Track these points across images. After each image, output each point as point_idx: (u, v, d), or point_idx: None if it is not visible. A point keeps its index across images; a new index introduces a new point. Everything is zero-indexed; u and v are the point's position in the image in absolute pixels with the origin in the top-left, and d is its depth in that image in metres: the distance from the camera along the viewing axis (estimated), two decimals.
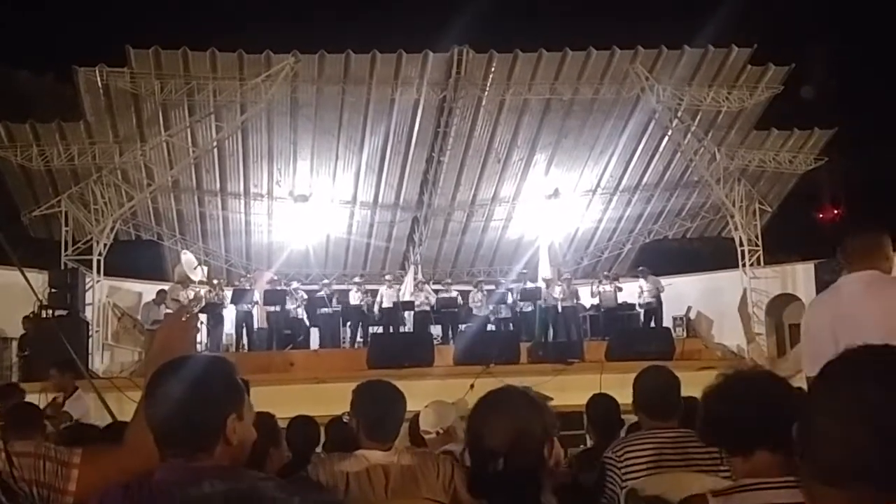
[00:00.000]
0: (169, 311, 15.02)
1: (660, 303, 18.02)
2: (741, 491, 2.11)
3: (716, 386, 2.35)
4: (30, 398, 7.44)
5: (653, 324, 17.76)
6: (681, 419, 3.72)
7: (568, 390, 9.40)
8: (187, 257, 18.58)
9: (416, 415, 4.72)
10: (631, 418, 4.49)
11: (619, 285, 18.60)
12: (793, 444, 1.30)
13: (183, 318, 2.63)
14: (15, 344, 15.14)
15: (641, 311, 18.11)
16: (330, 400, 6.81)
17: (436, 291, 18.79)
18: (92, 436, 4.29)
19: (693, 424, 3.97)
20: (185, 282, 17.50)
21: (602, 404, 5.32)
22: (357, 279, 19.09)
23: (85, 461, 2.22)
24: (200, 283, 18.12)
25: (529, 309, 18.27)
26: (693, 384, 4.19)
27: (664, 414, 3.70)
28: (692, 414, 4.31)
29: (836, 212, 26.61)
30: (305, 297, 17.99)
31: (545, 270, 19.59)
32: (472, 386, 9.96)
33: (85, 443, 2.45)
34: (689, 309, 19.00)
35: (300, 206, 20.25)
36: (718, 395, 2.31)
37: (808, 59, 20.63)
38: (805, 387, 2.49)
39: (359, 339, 18.04)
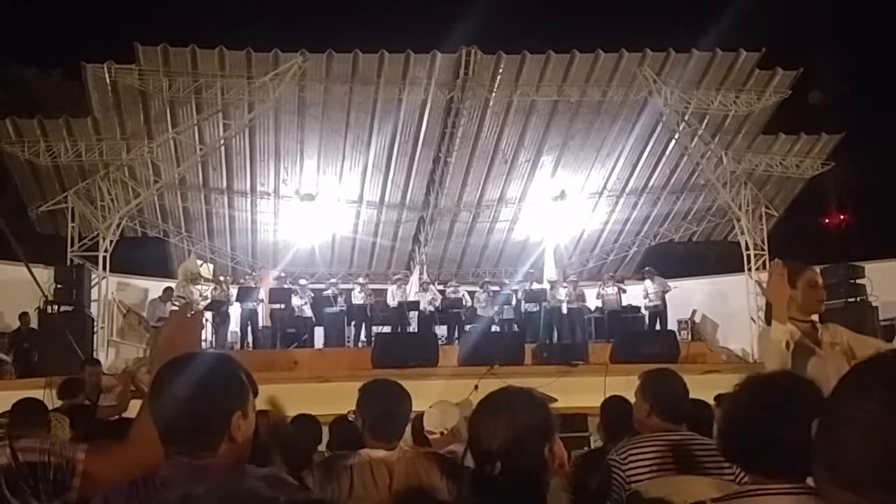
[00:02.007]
0: (175, 307, 15.04)
1: (665, 305, 17.98)
2: (740, 497, 2.09)
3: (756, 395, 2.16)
4: (34, 394, 7.44)
5: (658, 326, 17.73)
6: (688, 422, 3.72)
7: (572, 392, 9.40)
8: (192, 257, 18.72)
9: (420, 415, 4.71)
10: None
11: (623, 287, 18.58)
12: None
13: (188, 315, 2.63)
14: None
15: (647, 312, 18.08)
16: (334, 399, 6.82)
17: (441, 292, 18.80)
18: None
19: (700, 429, 3.98)
20: (197, 279, 17.55)
21: (618, 407, 5.30)
22: (361, 279, 19.09)
23: (89, 457, 2.22)
24: (206, 280, 18.16)
25: (534, 310, 18.27)
26: (698, 388, 4.20)
27: (680, 416, 3.70)
28: (698, 417, 4.30)
29: (842, 217, 26.55)
30: (312, 294, 18.03)
31: (550, 272, 19.59)
32: (476, 387, 9.95)
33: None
34: (694, 312, 18.98)
35: (306, 204, 20.25)
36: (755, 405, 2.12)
37: (816, 64, 20.60)
38: None
39: (362, 338, 18.05)
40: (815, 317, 4.49)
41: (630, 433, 4.74)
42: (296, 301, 17.78)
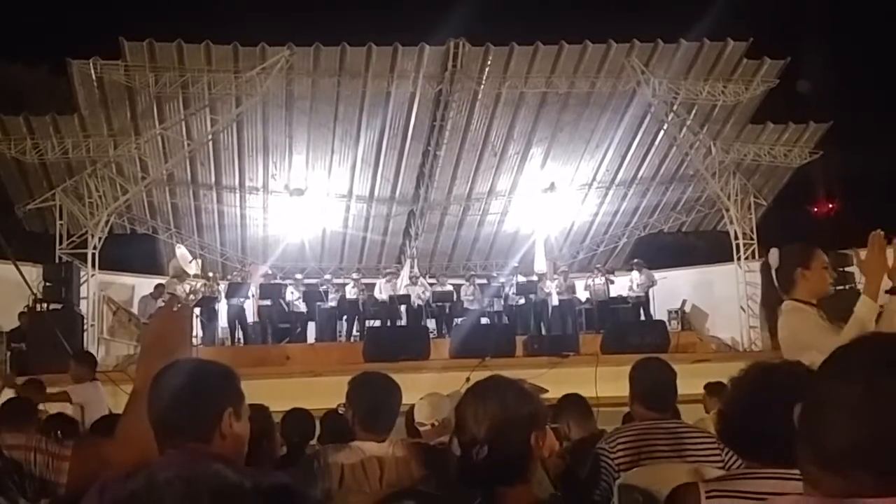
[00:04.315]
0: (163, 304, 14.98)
1: (648, 297, 18.03)
2: (731, 479, 2.11)
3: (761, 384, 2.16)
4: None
5: (641, 316, 17.78)
6: (675, 411, 3.73)
7: (563, 383, 9.39)
8: (181, 251, 18.55)
9: (411, 407, 4.71)
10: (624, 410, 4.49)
11: (612, 278, 18.58)
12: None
13: (174, 309, 2.63)
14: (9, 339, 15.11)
15: (630, 303, 18.12)
16: (325, 393, 6.81)
17: (432, 285, 18.79)
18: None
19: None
20: (181, 276, 17.48)
21: None
22: (355, 274, 19.05)
23: (76, 454, 2.22)
24: (195, 276, 18.10)
25: (525, 302, 18.28)
26: (688, 377, 4.21)
27: (664, 406, 3.70)
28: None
29: (830, 206, 26.65)
30: (304, 288, 18.03)
31: (540, 264, 19.61)
32: (467, 379, 9.93)
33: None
34: (683, 302, 19.03)
35: (296, 199, 20.21)
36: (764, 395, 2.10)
37: (803, 53, 20.64)
38: None
39: (355, 332, 18.05)
40: None
41: None
42: (290, 296, 17.76)
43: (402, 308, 18.10)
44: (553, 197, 20.94)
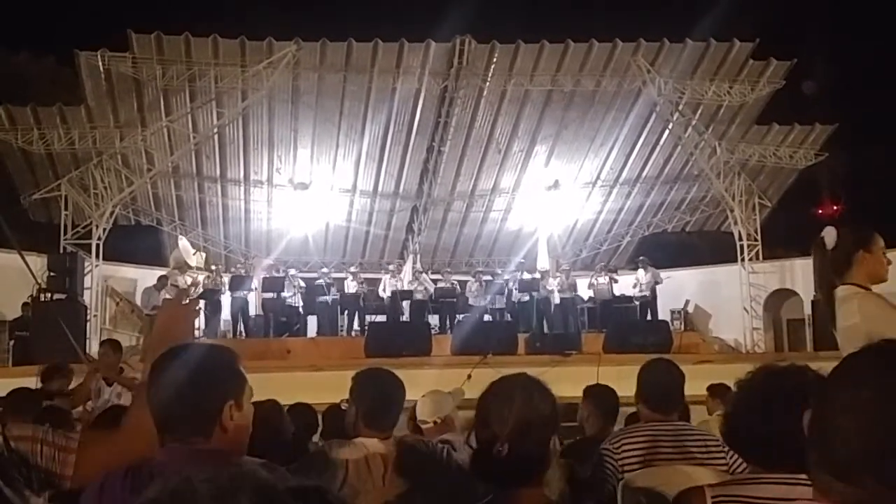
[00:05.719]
0: (168, 296, 15.00)
1: (655, 296, 18.00)
2: (738, 483, 2.11)
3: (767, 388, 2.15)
4: (27, 382, 7.42)
5: (648, 316, 17.75)
6: (681, 413, 3.72)
7: (565, 382, 9.38)
8: (184, 243, 18.58)
9: (413, 404, 4.70)
10: (628, 410, 4.48)
11: (616, 277, 18.54)
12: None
13: (183, 303, 2.64)
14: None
15: (637, 303, 18.08)
16: (327, 388, 6.82)
17: (434, 281, 18.76)
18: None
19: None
20: (183, 268, 17.48)
21: None
22: (353, 268, 19.04)
23: (82, 446, 2.22)
24: (198, 269, 18.11)
25: (527, 300, 18.25)
26: (690, 378, 4.19)
27: (667, 407, 3.69)
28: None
29: (835, 207, 26.62)
30: (303, 284, 17.97)
31: (543, 262, 19.59)
32: (469, 376, 9.95)
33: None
34: (686, 302, 19.01)
35: (300, 193, 20.22)
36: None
37: (809, 55, 20.61)
38: None
39: (356, 327, 18.02)
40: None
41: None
42: (286, 292, 17.72)
43: (405, 304, 18.08)
44: (557, 195, 20.93)
